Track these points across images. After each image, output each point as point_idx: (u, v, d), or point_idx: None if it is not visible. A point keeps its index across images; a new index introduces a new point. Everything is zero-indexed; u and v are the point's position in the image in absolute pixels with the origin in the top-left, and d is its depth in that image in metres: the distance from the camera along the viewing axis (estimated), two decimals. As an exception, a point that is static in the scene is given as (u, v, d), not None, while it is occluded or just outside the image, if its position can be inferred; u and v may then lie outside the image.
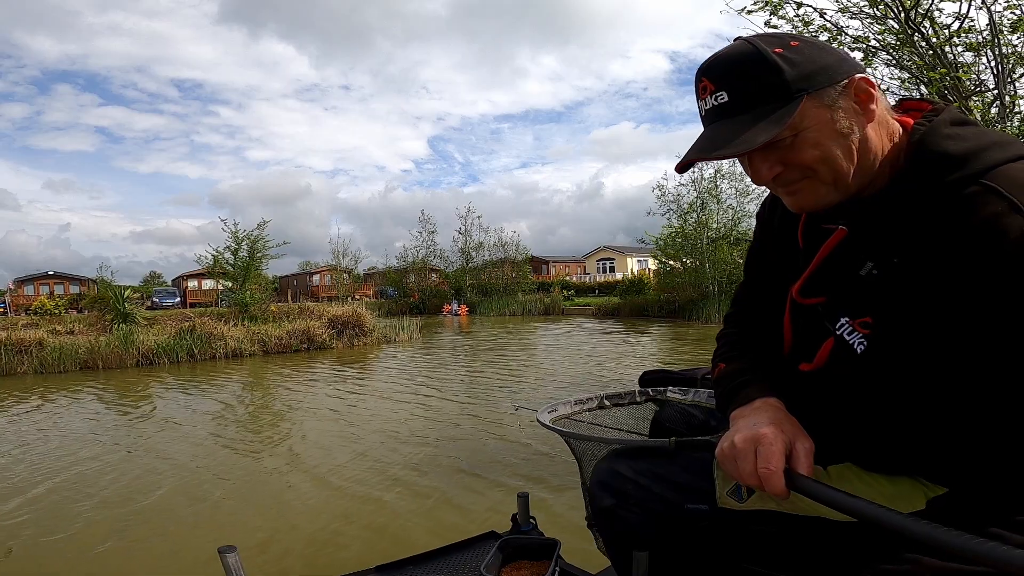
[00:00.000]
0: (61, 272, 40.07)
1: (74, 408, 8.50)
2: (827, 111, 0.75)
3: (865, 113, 0.77)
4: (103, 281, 21.58)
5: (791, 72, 0.74)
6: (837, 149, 0.75)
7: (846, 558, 0.79)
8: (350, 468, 4.99)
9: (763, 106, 0.74)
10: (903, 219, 0.75)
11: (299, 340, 15.53)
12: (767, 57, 0.75)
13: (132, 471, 5.09)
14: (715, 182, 26.36)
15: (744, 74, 0.76)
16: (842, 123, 0.75)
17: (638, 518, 0.96)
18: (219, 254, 18.82)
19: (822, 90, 0.74)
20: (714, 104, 0.78)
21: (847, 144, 0.76)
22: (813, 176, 0.77)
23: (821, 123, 0.75)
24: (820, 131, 0.75)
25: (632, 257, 49.36)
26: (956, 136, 0.75)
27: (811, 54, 0.76)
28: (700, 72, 0.81)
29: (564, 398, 1.42)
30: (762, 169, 0.79)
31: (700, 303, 24.45)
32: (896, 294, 0.76)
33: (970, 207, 0.70)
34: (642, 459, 1.00)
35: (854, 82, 0.76)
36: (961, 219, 0.70)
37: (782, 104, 0.74)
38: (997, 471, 0.74)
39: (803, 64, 0.75)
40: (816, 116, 0.75)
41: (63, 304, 26.14)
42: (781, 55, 0.75)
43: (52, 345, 12.88)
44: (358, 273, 43.75)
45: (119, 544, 3.57)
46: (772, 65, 0.74)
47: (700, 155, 0.78)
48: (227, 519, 3.95)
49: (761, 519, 0.86)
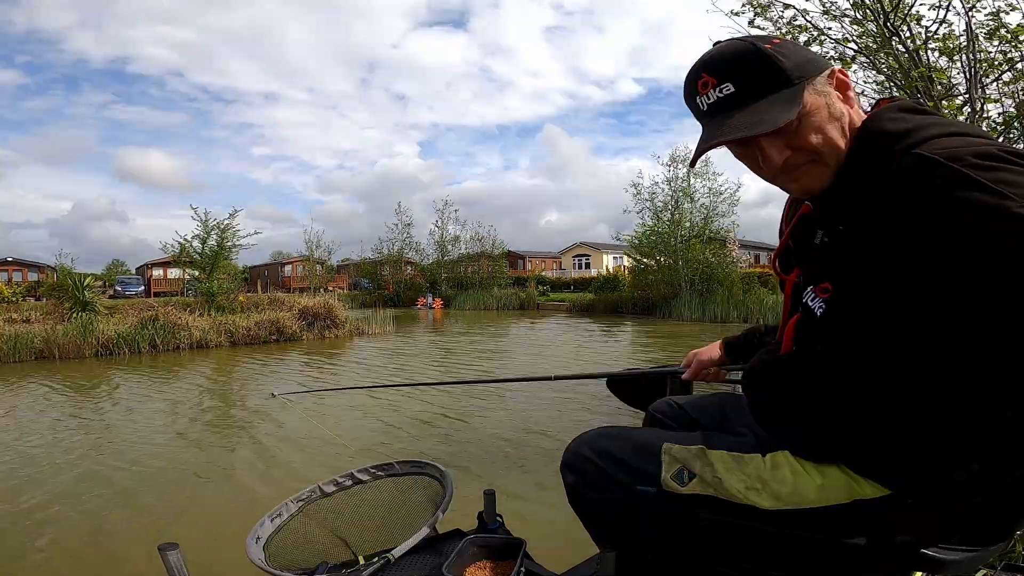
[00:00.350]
0: (20, 259, 38.68)
1: (20, 399, 8.16)
2: (822, 97, 0.82)
3: (847, 100, 0.84)
4: (63, 268, 20.81)
5: (788, 63, 0.81)
6: (834, 131, 0.82)
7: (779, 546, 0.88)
8: (303, 463, 4.86)
9: (772, 94, 0.80)
10: (846, 189, 0.81)
11: (268, 331, 15.20)
12: (765, 51, 0.81)
13: (70, 466, 4.87)
14: (688, 181, 26.66)
15: (746, 67, 0.82)
16: (835, 108, 0.82)
17: (597, 496, 1.04)
18: (187, 242, 18.33)
19: (814, 78, 0.82)
20: (719, 96, 0.83)
21: (841, 127, 0.83)
22: (817, 159, 0.83)
23: (820, 107, 0.82)
24: (821, 115, 0.81)
25: (608, 254, 49.75)
26: (898, 119, 0.81)
27: (796, 49, 0.84)
28: (698, 69, 0.85)
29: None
30: (773, 154, 0.83)
31: (672, 301, 24.73)
32: (842, 258, 0.82)
33: (899, 171, 0.73)
34: (602, 441, 1.07)
35: (836, 72, 0.84)
36: (891, 182, 0.74)
37: (788, 90, 0.80)
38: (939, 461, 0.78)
39: (794, 56, 0.82)
40: (815, 101, 0.81)
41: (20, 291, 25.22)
42: (774, 50, 0.82)
43: (7, 334, 12.36)
44: (331, 264, 43.17)
45: (53, 543, 3.39)
46: (772, 57, 0.81)
47: (720, 139, 0.81)
48: (170, 516, 3.80)
49: (700, 503, 0.92)
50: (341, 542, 1.47)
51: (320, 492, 1.55)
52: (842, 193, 0.82)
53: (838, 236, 0.83)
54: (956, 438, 0.75)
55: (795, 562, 0.88)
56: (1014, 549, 1.70)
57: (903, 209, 0.72)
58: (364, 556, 1.39)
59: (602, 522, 1.08)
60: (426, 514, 1.44)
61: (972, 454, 0.75)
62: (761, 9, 4.35)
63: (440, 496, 1.45)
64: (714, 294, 23.77)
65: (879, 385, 0.77)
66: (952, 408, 0.74)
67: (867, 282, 0.77)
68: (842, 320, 0.81)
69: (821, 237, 0.88)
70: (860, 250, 0.78)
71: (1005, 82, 3.58)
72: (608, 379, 1.71)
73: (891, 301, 0.74)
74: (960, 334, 0.70)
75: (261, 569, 1.27)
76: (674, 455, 0.96)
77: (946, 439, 0.76)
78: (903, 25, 3.77)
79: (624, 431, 1.10)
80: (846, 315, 0.81)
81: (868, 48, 4.20)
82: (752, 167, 0.88)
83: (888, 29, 3.79)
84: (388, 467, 1.62)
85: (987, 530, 0.82)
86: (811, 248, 0.90)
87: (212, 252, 18.18)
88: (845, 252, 0.81)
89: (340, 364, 11.62)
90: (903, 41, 3.82)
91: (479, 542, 1.31)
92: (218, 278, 17.97)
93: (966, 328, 0.69)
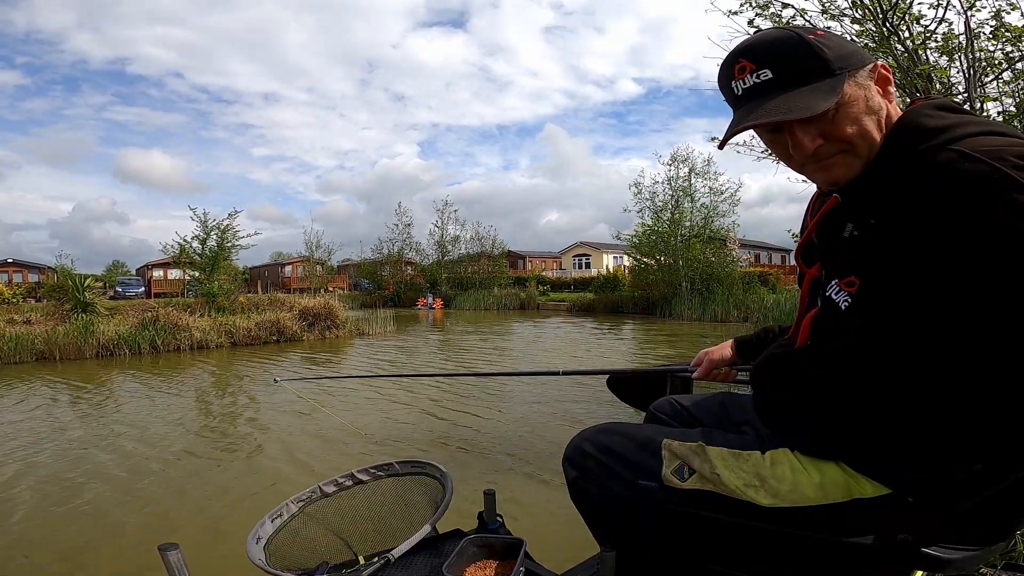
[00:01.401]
0: (20, 260, 38.68)
1: (20, 399, 8.16)
2: (862, 90, 0.82)
3: (886, 95, 0.84)
4: (63, 269, 20.81)
5: (830, 53, 0.81)
6: (871, 124, 0.82)
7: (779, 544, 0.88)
8: (306, 463, 4.86)
9: (813, 81, 0.80)
10: (879, 183, 0.80)
11: (268, 332, 15.19)
12: (807, 40, 0.81)
13: (73, 465, 4.87)
14: (689, 180, 26.65)
15: (787, 54, 0.82)
16: (874, 101, 0.82)
17: (597, 490, 1.05)
18: (186, 243, 18.32)
19: (857, 70, 0.82)
20: (755, 82, 0.83)
21: (878, 119, 0.83)
22: (849, 150, 0.82)
23: (858, 99, 0.81)
24: (858, 106, 0.81)
25: (608, 253, 49.70)
26: (935, 116, 0.80)
27: (839, 41, 0.84)
28: (736, 54, 0.85)
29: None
30: (804, 140, 0.82)
31: (672, 300, 24.72)
32: (873, 253, 0.80)
33: (935, 166, 0.73)
34: (604, 437, 1.08)
35: (878, 67, 0.84)
36: (926, 177, 0.73)
37: (828, 79, 0.80)
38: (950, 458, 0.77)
39: (837, 48, 0.82)
40: (854, 93, 0.81)
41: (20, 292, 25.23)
42: (817, 40, 0.82)
43: (8, 335, 12.36)
44: (331, 265, 43.15)
45: (53, 543, 3.40)
46: (814, 46, 0.81)
47: (754, 121, 0.81)
48: (170, 515, 3.80)
49: (700, 500, 0.93)
50: (341, 542, 1.47)
51: (320, 492, 1.55)
52: (874, 186, 0.81)
53: (868, 230, 0.82)
54: (959, 437, 0.74)
55: (795, 560, 0.88)
56: (1015, 548, 1.69)
57: (938, 204, 0.70)
58: (364, 556, 1.39)
59: (603, 518, 1.09)
60: (426, 514, 1.44)
61: (975, 454, 0.75)
62: (760, 8, 4.34)
63: (440, 496, 1.44)
64: (714, 293, 23.75)
65: (895, 382, 0.77)
66: (957, 407, 0.74)
67: (897, 277, 0.76)
68: (869, 315, 0.80)
69: (851, 231, 0.86)
70: (891, 244, 0.77)
71: (1005, 81, 3.58)
72: (609, 378, 1.70)
73: (919, 297, 0.73)
74: (980, 332, 0.70)
75: (261, 569, 1.27)
76: (674, 451, 0.97)
77: (949, 438, 0.76)
78: (902, 24, 3.77)
79: (625, 427, 1.10)
80: (873, 310, 0.79)
81: (867, 47, 4.19)
82: (781, 154, 0.88)
83: (887, 28, 3.79)
84: (388, 467, 1.62)
85: (988, 529, 0.82)
86: (838, 241, 0.89)
87: (212, 253, 18.18)
88: (875, 246, 0.80)
89: (346, 357, 11.61)
90: (902, 40, 3.81)
91: (479, 542, 1.31)
92: (219, 279, 17.96)
93: (987, 326, 0.69)
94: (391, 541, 1.42)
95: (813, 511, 0.84)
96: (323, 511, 1.52)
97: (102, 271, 53.06)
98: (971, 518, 0.80)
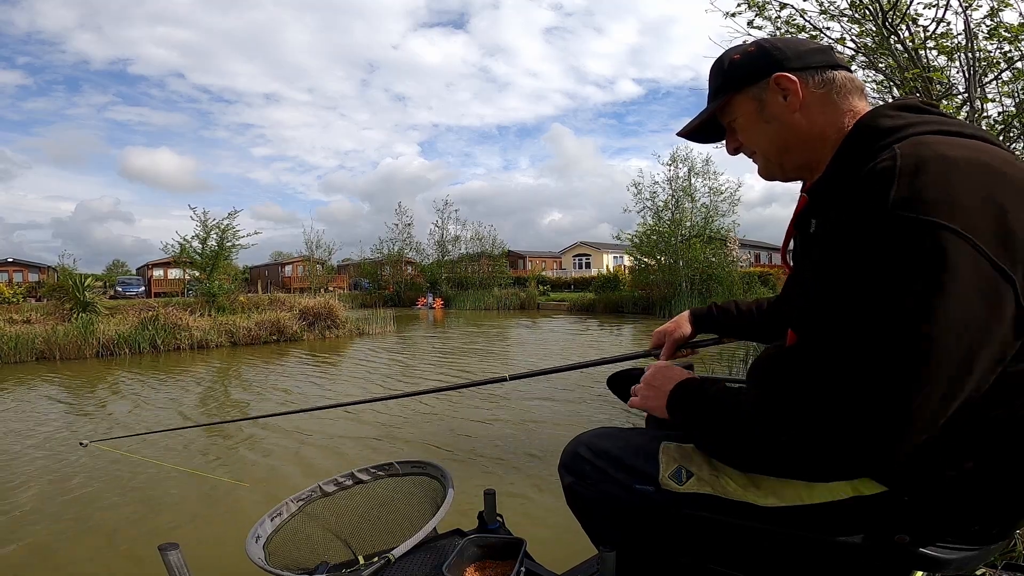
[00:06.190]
0: (21, 259, 38.67)
1: (21, 398, 8.16)
2: (754, 103, 0.92)
3: (789, 104, 0.89)
4: (63, 269, 20.81)
5: (727, 74, 0.95)
6: (763, 134, 0.93)
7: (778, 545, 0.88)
8: (305, 464, 4.87)
9: (713, 99, 0.98)
10: (827, 182, 0.84)
11: (269, 331, 15.19)
12: (722, 61, 0.97)
13: (71, 466, 4.88)
14: (689, 180, 26.64)
15: (710, 74, 1.00)
16: (769, 111, 0.91)
17: (593, 495, 1.04)
18: (187, 243, 18.31)
19: (748, 88, 0.93)
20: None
21: (772, 129, 0.92)
22: (759, 152, 0.96)
23: (748, 113, 0.94)
24: (747, 119, 0.94)
25: (608, 253, 49.67)
26: (893, 116, 0.81)
27: (751, 58, 0.93)
28: None
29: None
30: (728, 145, 1.01)
31: (672, 300, 24.70)
32: (816, 252, 0.84)
33: (869, 167, 0.72)
34: (600, 441, 1.07)
35: (773, 79, 0.90)
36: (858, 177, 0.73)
37: (723, 95, 0.95)
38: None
39: (738, 68, 0.94)
40: (743, 108, 0.94)
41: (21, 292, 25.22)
42: (732, 60, 0.95)
43: (8, 334, 12.37)
44: (331, 264, 43.13)
45: (53, 542, 3.40)
46: (719, 68, 0.97)
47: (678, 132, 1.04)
48: (170, 515, 3.80)
49: (698, 502, 0.92)
50: (341, 542, 1.47)
51: (320, 492, 1.55)
52: (824, 187, 0.84)
53: (819, 228, 0.87)
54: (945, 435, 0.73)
55: (794, 561, 0.88)
56: (1015, 548, 1.69)
57: (851, 203, 0.72)
58: (364, 556, 1.39)
59: (600, 523, 1.08)
60: (426, 514, 1.44)
61: (963, 452, 0.75)
62: (759, 9, 4.33)
63: (440, 496, 1.45)
64: (714, 293, 23.74)
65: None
66: None
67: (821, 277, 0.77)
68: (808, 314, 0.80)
69: (815, 227, 0.90)
70: (821, 244, 0.80)
71: (1004, 81, 3.58)
72: (609, 378, 1.70)
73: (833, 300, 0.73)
74: None
75: (261, 568, 1.27)
76: (672, 454, 0.96)
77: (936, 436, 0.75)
78: (901, 24, 3.77)
79: (621, 431, 1.10)
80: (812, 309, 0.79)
81: (866, 47, 4.18)
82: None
83: (886, 28, 3.79)
84: (388, 467, 1.62)
85: (988, 529, 0.82)
86: (807, 237, 0.92)
87: (212, 253, 18.17)
88: (815, 245, 0.85)
89: (341, 363, 11.61)
90: (902, 40, 3.81)
91: (479, 542, 1.31)
92: (219, 278, 17.96)
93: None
94: (391, 541, 1.42)
95: (811, 510, 0.84)
96: (323, 510, 1.52)
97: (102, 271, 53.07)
98: (970, 518, 0.80)
